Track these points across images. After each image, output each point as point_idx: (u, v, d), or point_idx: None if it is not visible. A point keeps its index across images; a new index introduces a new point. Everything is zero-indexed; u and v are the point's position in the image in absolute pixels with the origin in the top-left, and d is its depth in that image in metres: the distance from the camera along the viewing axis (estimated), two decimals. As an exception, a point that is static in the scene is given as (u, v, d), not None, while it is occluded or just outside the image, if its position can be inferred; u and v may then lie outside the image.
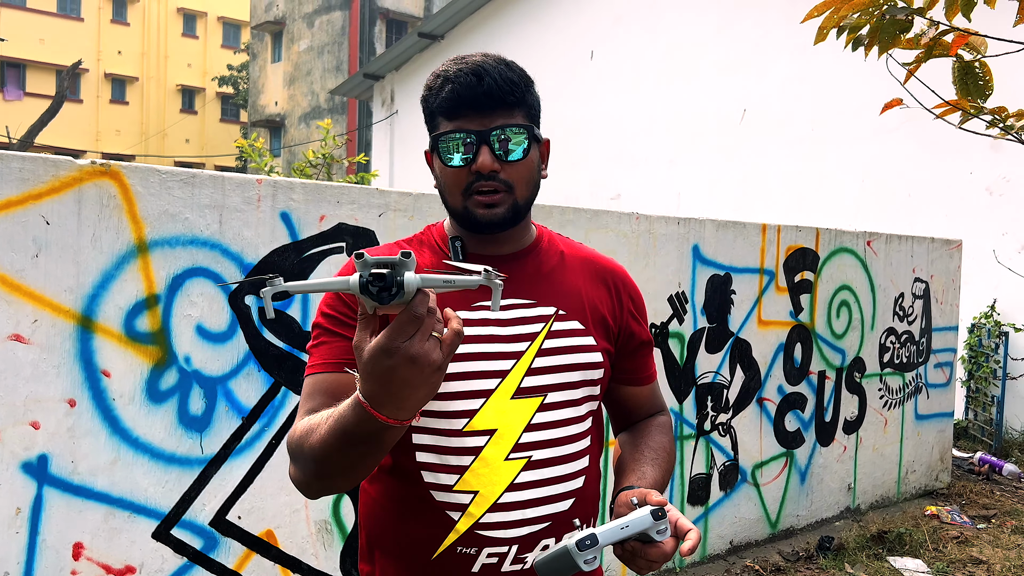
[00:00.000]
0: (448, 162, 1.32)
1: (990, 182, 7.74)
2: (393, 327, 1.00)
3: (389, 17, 23.56)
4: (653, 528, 1.22)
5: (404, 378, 1.02)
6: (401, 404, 1.05)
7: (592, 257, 1.52)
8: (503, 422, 1.33)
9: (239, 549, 2.81)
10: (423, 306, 1.00)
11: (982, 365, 7.19)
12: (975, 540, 4.79)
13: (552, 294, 1.41)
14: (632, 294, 1.53)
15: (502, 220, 1.34)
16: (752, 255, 4.44)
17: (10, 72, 30.18)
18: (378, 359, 1.01)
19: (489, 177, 1.31)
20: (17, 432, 2.40)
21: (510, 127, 1.31)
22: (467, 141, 1.30)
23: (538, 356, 1.36)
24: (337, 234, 2.97)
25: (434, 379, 1.04)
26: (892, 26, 2.03)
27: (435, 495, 1.33)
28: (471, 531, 1.32)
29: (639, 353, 1.54)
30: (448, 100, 1.31)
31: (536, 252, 1.45)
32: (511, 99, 1.32)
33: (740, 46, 10.04)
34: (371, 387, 1.04)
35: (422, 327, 1.01)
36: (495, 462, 1.32)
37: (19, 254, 2.39)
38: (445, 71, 1.33)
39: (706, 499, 4.31)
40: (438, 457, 1.33)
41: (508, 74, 1.32)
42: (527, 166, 1.35)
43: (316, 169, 9.59)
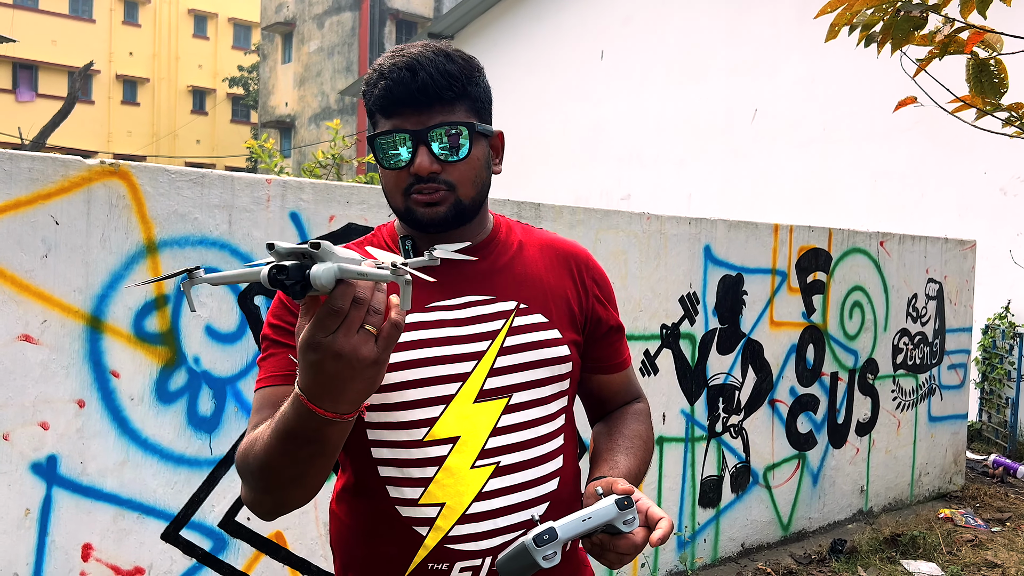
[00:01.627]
0: (386, 164, 1.25)
1: (1004, 182, 7.68)
2: (314, 320, 0.94)
3: (399, 18, 23.59)
4: (619, 518, 1.14)
5: (332, 372, 0.95)
6: (337, 397, 0.98)
7: (552, 242, 1.44)
8: (466, 428, 1.26)
9: (248, 550, 2.80)
10: (344, 299, 0.92)
11: (996, 367, 7.13)
12: (989, 543, 4.74)
13: (512, 287, 1.34)
14: (596, 278, 1.44)
15: (444, 219, 1.26)
16: (764, 255, 4.41)
17: (23, 73, 30.36)
18: (304, 353, 0.95)
19: (429, 179, 1.23)
20: (26, 433, 2.40)
21: (449, 124, 1.22)
22: (403, 142, 1.22)
23: (500, 355, 1.29)
24: (347, 234, 2.96)
25: (369, 373, 0.97)
26: (906, 23, 2.00)
27: (401, 510, 1.26)
28: (441, 546, 1.25)
29: (609, 339, 1.45)
30: (382, 98, 1.23)
31: (493, 244, 1.37)
32: (449, 94, 1.22)
33: (751, 46, 9.99)
34: (305, 379, 0.98)
35: (345, 320, 0.93)
36: (460, 471, 1.25)
37: (28, 254, 2.38)
38: (380, 65, 1.25)
39: (717, 501, 4.28)
40: (400, 470, 1.26)
41: (447, 66, 1.22)
42: (470, 165, 1.26)
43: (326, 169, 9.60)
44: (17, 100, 29.88)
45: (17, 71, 30.18)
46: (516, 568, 1.13)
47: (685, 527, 4.14)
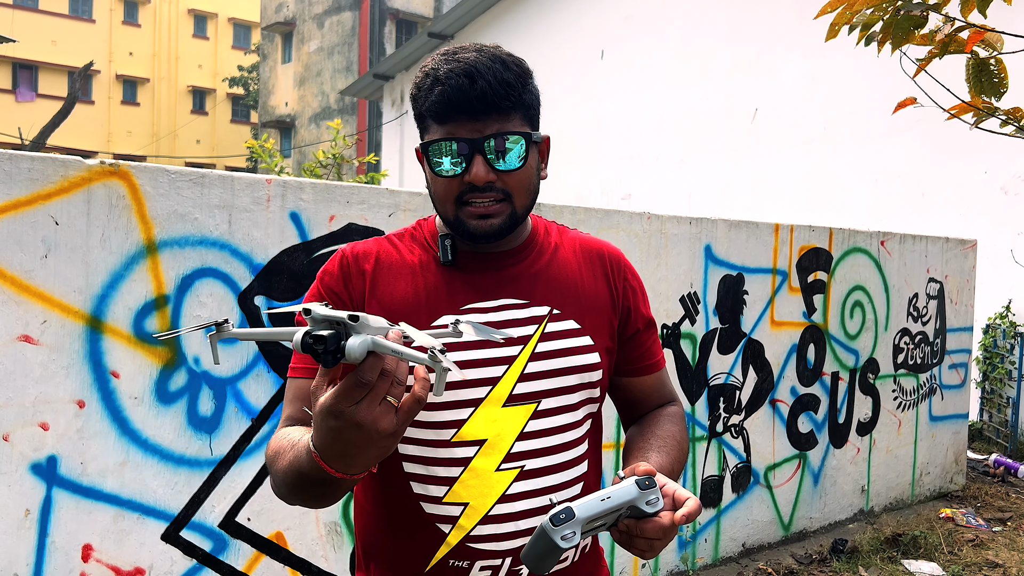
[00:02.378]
0: (439, 171, 1.24)
1: (1005, 181, 7.67)
2: (339, 389, 0.94)
3: (399, 17, 23.58)
4: (641, 499, 1.10)
5: (350, 440, 0.96)
6: (349, 462, 1.00)
7: (587, 243, 1.43)
8: (494, 431, 1.27)
9: (248, 551, 2.80)
10: (373, 372, 0.93)
11: (997, 366, 7.13)
12: (991, 543, 4.74)
13: (546, 292, 1.34)
14: (630, 277, 1.44)
15: (498, 231, 1.26)
16: (765, 255, 4.41)
17: (23, 73, 30.36)
18: (325, 418, 0.96)
19: (485, 188, 1.22)
20: (26, 433, 2.40)
21: (506, 134, 1.21)
22: (459, 149, 1.21)
23: (531, 360, 1.29)
24: (347, 234, 2.95)
25: (385, 443, 0.97)
26: (906, 22, 2.00)
27: (425, 507, 1.28)
28: (462, 544, 1.27)
29: (640, 340, 1.44)
30: (438, 104, 1.21)
31: (531, 248, 1.37)
32: (506, 104, 1.21)
33: (751, 45, 9.99)
34: (320, 440, 1.00)
35: (371, 392, 0.94)
36: (485, 473, 1.26)
37: (28, 254, 2.38)
38: (435, 70, 1.23)
39: (718, 501, 4.28)
40: (426, 468, 1.27)
41: (504, 74, 1.21)
42: (525, 173, 1.26)
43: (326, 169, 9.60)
44: (17, 100, 29.88)
45: (17, 71, 30.18)
46: (537, 553, 1.10)
47: (686, 527, 4.14)
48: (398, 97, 15.97)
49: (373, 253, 1.34)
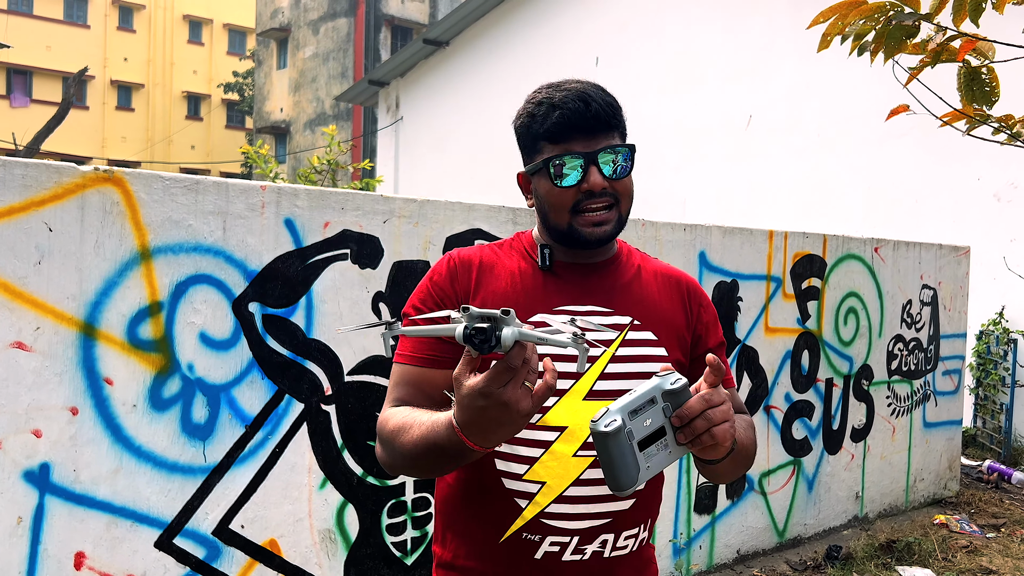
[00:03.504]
0: (559, 182, 1.41)
1: (998, 188, 7.70)
2: (491, 374, 1.10)
3: (394, 24, 23.62)
4: (664, 382, 1.20)
5: (494, 418, 1.12)
6: (488, 437, 1.15)
7: (666, 271, 1.60)
8: (574, 420, 1.41)
9: (242, 559, 2.79)
10: (519, 358, 1.09)
11: (990, 372, 7.15)
12: (984, 549, 4.75)
13: (629, 305, 1.50)
14: (703, 303, 1.60)
15: (610, 236, 1.45)
16: (759, 262, 4.42)
17: (17, 79, 30.32)
18: (474, 398, 1.11)
19: (600, 195, 1.41)
20: (19, 440, 2.39)
21: (616, 147, 1.41)
22: (577, 162, 1.40)
23: (611, 362, 1.44)
24: (341, 240, 2.95)
25: (521, 422, 1.13)
26: (898, 31, 2.01)
27: (505, 482, 1.43)
28: (536, 519, 1.41)
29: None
30: (557, 125, 1.41)
31: (617, 264, 1.54)
32: (613, 122, 1.43)
33: (745, 52, 10.02)
34: (464, 418, 1.15)
35: (516, 376, 1.10)
36: (564, 457, 1.41)
37: (21, 261, 2.38)
38: (548, 98, 1.43)
39: (713, 508, 4.28)
40: (511, 447, 1.42)
41: (608, 98, 1.43)
42: (631, 181, 1.46)
43: (321, 175, 9.60)
44: (11, 106, 29.83)
45: (11, 76, 30.14)
46: (605, 462, 1.19)
47: (681, 534, 4.14)
48: (393, 103, 15.97)
49: (477, 257, 1.52)
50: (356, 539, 3.05)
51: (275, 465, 2.85)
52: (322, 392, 2.94)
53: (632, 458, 1.19)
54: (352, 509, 3.04)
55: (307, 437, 2.92)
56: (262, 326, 2.80)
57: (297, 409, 2.89)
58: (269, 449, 2.84)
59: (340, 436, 2.99)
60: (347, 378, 3.00)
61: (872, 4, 1.98)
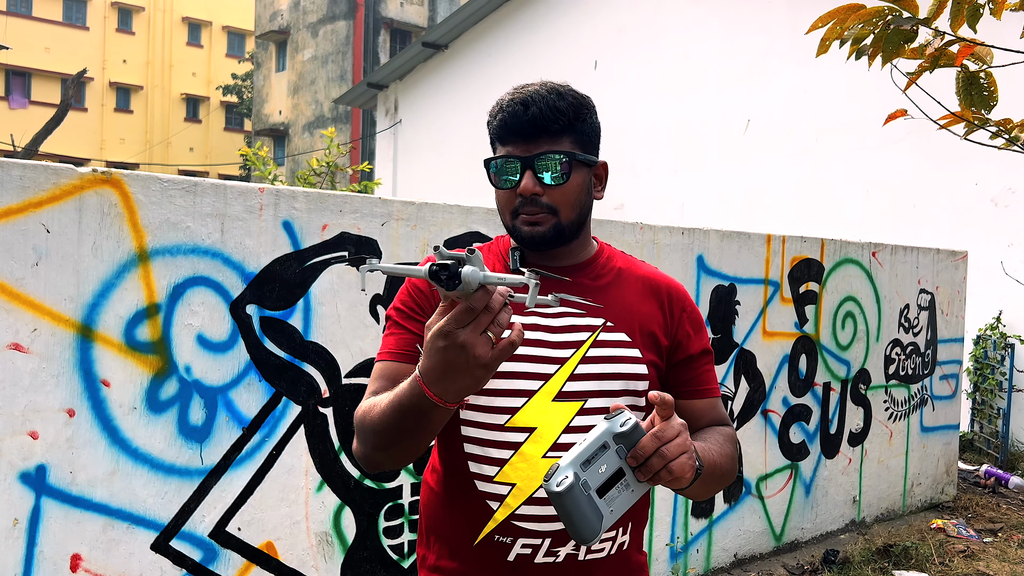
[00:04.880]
0: (497, 185, 1.45)
1: (995, 193, 7.71)
2: (452, 314, 1.11)
3: (393, 27, 23.64)
4: (613, 425, 1.19)
5: (451, 361, 1.11)
6: (447, 387, 1.14)
7: (649, 275, 1.58)
8: (543, 421, 1.41)
9: (239, 561, 2.78)
10: (481, 301, 1.09)
11: (988, 377, 7.15)
12: (981, 554, 4.75)
13: (603, 307, 1.49)
14: (687, 307, 1.57)
15: (543, 238, 1.44)
16: (757, 266, 4.42)
17: (15, 80, 30.30)
18: (434, 339, 1.12)
19: (531, 201, 1.42)
20: (15, 442, 2.38)
21: (553, 153, 1.40)
22: (511, 166, 1.42)
23: (582, 363, 1.44)
24: (339, 243, 2.95)
25: (479, 373, 1.12)
26: (897, 36, 2.01)
27: (478, 484, 1.44)
28: (508, 521, 1.41)
29: (692, 365, 1.56)
30: (499, 127, 1.44)
31: (593, 267, 1.54)
32: (555, 127, 1.41)
33: (744, 56, 10.03)
34: (427, 363, 1.15)
35: (476, 320, 1.09)
36: (533, 458, 1.40)
37: (19, 262, 2.37)
38: (502, 100, 1.46)
39: (710, 512, 4.28)
40: (482, 449, 1.43)
41: (556, 103, 1.42)
42: (570, 189, 1.44)
43: (320, 178, 9.60)
44: (10, 107, 29.81)
45: (10, 78, 30.12)
46: (563, 517, 1.19)
47: (678, 537, 4.13)
48: (392, 106, 15.97)
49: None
50: (353, 542, 3.04)
51: (272, 467, 2.84)
52: (319, 395, 2.94)
53: (591, 508, 1.18)
54: (349, 512, 3.04)
55: (304, 440, 2.91)
56: (260, 328, 2.80)
57: (294, 412, 2.89)
58: (266, 451, 2.83)
59: (337, 439, 2.98)
60: (344, 381, 2.99)
61: (870, 8, 1.99)
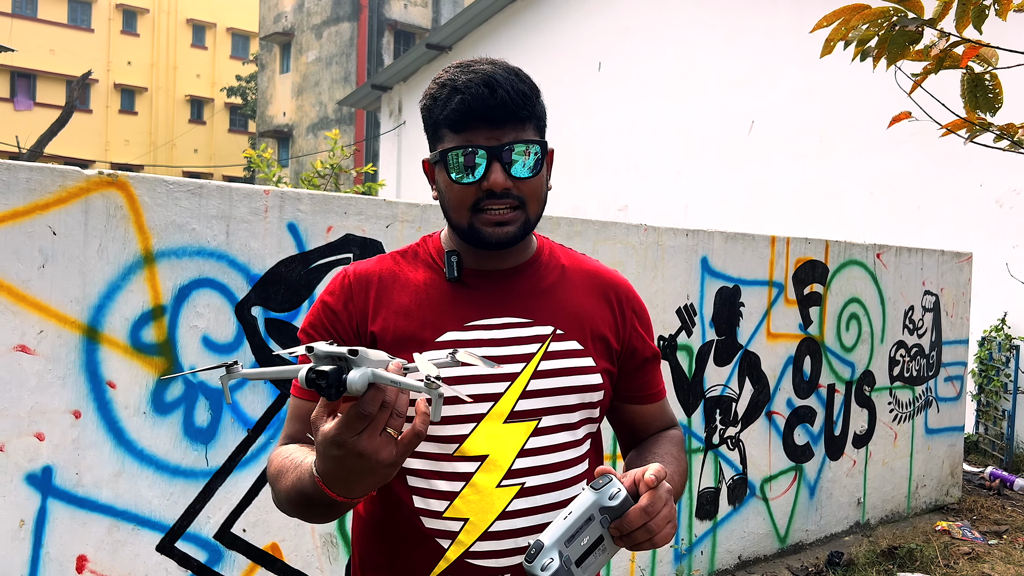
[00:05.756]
0: (457, 178, 1.25)
1: (1000, 195, 7.70)
2: (342, 420, 0.97)
3: (397, 28, 23.66)
4: (602, 496, 1.10)
5: (351, 468, 1.00)
6: (351, 488, 1.04)
7: (595, 270, 1.45)
8: (495, 447, 1.28)
9: (244, 562, 2.79)
10: (374, 404, 0.96)
11: (993, 379, 7.14)
12: (986, 556, 4.74)
13: (550, 312, 1.35)
14: (636, 308, 1.45)
15: (513, 238, 1.28)
16: (761, 267, 4.42)
17: (20, 82, 30.37)
18: (328, 446, 0.99)
19: (502, 195, 1.25)
20: (22, 443, 2.39)
21: (523, 142, 1.25)
22: (477, 156, 1.23)
23: (533, 378, 1.30)
24: (344, 245, 2.96)
25: (385, 471, 1.01)
26: (901, 37, 2.01)
27: (425, 521, 1.28)
28: (461, 560, 1.27)
29: (644, 370, 1.46)
30: (457, 112, 1.23)
31: (536, 267, 1.38)
32: (523, 112, 1.25)
33: (748, 58, 10.03)
34: (322, 467, 1.03)
35: (372, 423, 0.97)
36: (486, 489, 1.27)
37: (25, 264, 2.38)
38: (452, 79, 1.25)
39: (714, 513, 4.27)
40: (428, 482, 1.28)
41: (520, 86, 1.25)
42: (539, 181, 1.29)
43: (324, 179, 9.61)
44: (15, 109, 29.88)
45: (15, 80, 30.19)
46: None
47: (682, 539, 4.13)
48: (396, 108, 15.99)
49: (376, 272, 1.35)
50: (358, 543, 3.05)
51: (277, 469, 2.85)
52: (324, 396, 2.94)
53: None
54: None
55: (309, 441, 2.92)
56: (265, 330, 2.80)
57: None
58: (271, 453, 2.83)
59: (342, 440, 2.98)
60: (349, 382, 2.99)
61: (875, 9, 1.98)
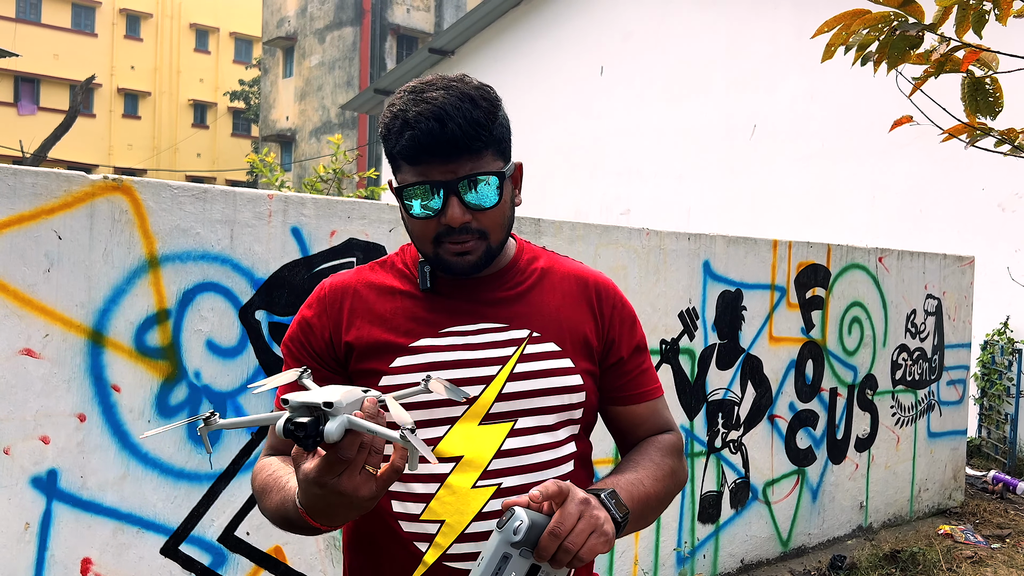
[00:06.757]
0: (415, 213, 1.25)
1: (1002, 198, 7.70)
2: (321, 464, 1.00)
3: (400, 33, 23.71)
4: (507, 532, 1.08)
5: (333, 504, 1.04)
6: (333, 519, 1.09)
7: (575, 271, 1.43)
8: (470, 448, 1.28)
9: (247, 565, 2.80)
10: (351, 449, 0.99)
11: (995, 382, 7.14)
12: (989, 560, 4.74)
13: (527, 316, 1.35)
14: (618, 307, 1.43)
15: (475, 266, 1.28)
16: (763, 271, 4.42)
17: (24, 87, 30.47)
18: (309, 485, 1.03)
19: (461, 230, 1.24)
20: (27, 447, 2.40)
21: (479, 174, 1.22)
22: (434, 192, 1.22)
23: (509, 380, 1.30)
24: (348, 249, 2.97)
25: (366, 505, 1.05)
26: (902, 42, 2.02)
27: (403, 525, 1.29)
28: (439, 563, 1.27)
29: (626, 369, 1.43)
30: (408, 148, 1.21)
31: (512, 272, 1.38)
32: (477, 144, 1.21)
33: (750, 62, 10.05)
34: (305, 502, 1.07)
35: (351, 466, 1.00)
36: (462, 490, 1.27)
37: (31, 268, 2.40)
38: (403, 111, 1.22)
39: (717, 517, 4.28)
40: (404, 485, 1.29)
41: (473, 113, 1.20)
42: (500, 210, 1.27)
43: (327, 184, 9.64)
44: (19, 113, 29.98)
45: (19, 84, 30.29)
46: None
47: (685, 542, 4.14)
48: (398, 112, 16.01)
49: (352, 283, 1.37)
50: (361, 546, 3.05)
51: (281, 472, 2.86)
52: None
53: None
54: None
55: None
56: (268, 334, 2.82)
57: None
58: (256, 464, 2.84)
59: (345, 444, 2.99)
60: (352, 386, 3.00)
61: (876, 14, 2.00)
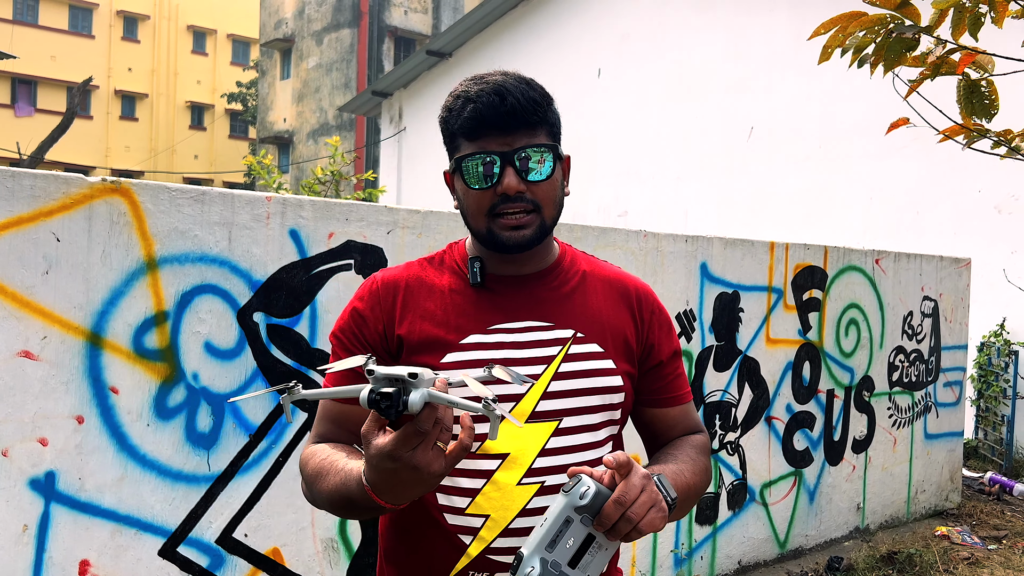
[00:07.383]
0: (472, 184, 1.32)
1: (999, 200, 7.72)
2: (399, 437, 1.03)
3: (397, 35, 23.71)
4: (573, 498, 1.13)
5: (404, 480, 1.06)
6: (400, 496, 1.10)
7: (616, 276, 1.49)
8: (516, 446, 1.32)
9: (245, 567, 2.80)
10: (429, 421, 1.02)
11: (992, 384, 7.15)
12: (986, 561, 4.75)
13: (571, 316, 1.39)
14: (656, 312, 1.49)
15: (529, 241, 1.33)
16: (760, 273, 4.43)
17: (21, 88, 30.43)
18: (383, 459, 1.05)
19: (516, 199, 1.30)
20: (25, 449, 2.40)
21: (534, 147, 1.30)
22: (491, 162, 1.29)
23: (554, 380, 1.34)
24: (346, 251, 2.97)
25: (433, 481, 1.08)
26: (898, 44, 2.03)
27: (448, 517, 1.32)
28: (482, 556, 1.31)
29: (664, 372, 1.49)
30: (470, 120, 1.29)
31: (557, 272, 1.43)
32: (534, 118, 1.30)
33: (747, 64, 10.06)
34: (374, 478, 1.09)
35: (426, 439, 1.04)
36: (507, 486, 1.31)
37: (29, 271, 2.40)
38: (465, 91, 1.31)
39: (714, 518, 4.28)
40: (451, 479, 1.32)
41: (530, 93, 1.31)
42: (552, 185, 1.34)
43: (324, 186, 9.63)
44: (16, 115, 29.93)
45: (16, 86, 30.25)
46: None
47: (682, 544, 4.14)
48: (396, 114, 16.02)
49: (403, 278, 1.41)
50: (358, 548, 3.06)
51: (278, 474, 2.86)
52: (326, 401, 2.95)
53: None
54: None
55: (310, 446, 2.93)
56: (266, 336, 2.82)
57: (301, 418, 2.91)
58: (273, 458, 2.85)
59: (343, 445, 3.00)
60: (350, 387, 3.01)
61: (872, 16, 2.01)
